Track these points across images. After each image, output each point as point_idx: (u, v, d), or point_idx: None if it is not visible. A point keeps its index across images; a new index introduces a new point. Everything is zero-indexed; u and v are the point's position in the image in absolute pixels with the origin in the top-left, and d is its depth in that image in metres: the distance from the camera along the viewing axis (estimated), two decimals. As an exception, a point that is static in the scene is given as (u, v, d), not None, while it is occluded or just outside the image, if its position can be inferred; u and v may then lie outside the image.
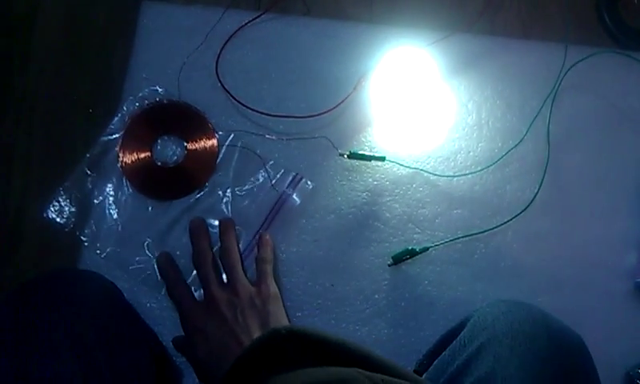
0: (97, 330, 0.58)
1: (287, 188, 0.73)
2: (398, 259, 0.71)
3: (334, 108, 0.74)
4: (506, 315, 0.58)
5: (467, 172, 0.74)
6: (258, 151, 0.74)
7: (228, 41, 0.77)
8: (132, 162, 0.74)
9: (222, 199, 0.74)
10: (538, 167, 0.73)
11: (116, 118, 0.75)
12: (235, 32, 0.77)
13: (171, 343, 0.69)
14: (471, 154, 0.75)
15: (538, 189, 0.72)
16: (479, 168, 0.74)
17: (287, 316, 0.66)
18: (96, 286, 0.65)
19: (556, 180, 0.73)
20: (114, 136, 0.75)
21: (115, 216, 0.73)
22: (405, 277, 0.71)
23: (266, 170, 0.73)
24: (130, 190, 0.73)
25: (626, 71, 0.76)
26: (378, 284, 0.71)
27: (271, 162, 0.74)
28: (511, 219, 0.71)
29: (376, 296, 0.71)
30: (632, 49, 0.77)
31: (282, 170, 0.74)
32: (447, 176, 0.73)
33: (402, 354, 0.69)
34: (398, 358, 0.69)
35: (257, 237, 0.72)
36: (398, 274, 0.71)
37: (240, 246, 0.71)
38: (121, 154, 0.74)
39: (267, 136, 0.75)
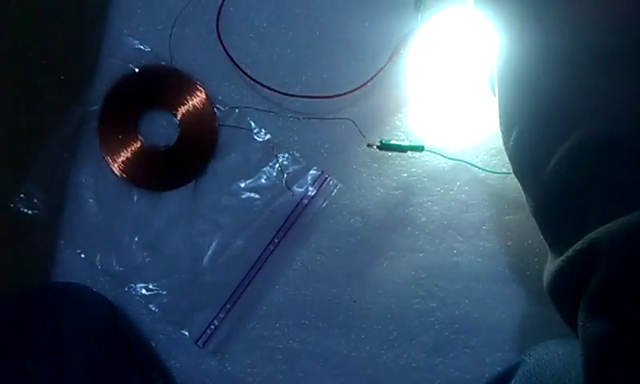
0: (81, 365, 0.49)
1: (308, 191, 0.60)
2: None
3: (364, 84, 0.59)
4: (568, 368, 0.47)
5: (525, 169, 0.60)
6: (268, 135, 0.61)
7: (232, -11, 0.62)
8: (114, 142, 0.61)
9: (225, 193, 0.61)
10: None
11: (93, 86, 0.61)
12: (242, -22, 0.62)
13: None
14: (531, 145, 0.61)
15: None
16: (540, 163, 0.60)
17: None
18: (82, 305, 0.56)
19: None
20: (93, 108, 0.61)
21: (95, 207, 0.61)
22: (442, 294, 0.60)
23: (280, 166, 0.60)
24: (113, 176, 0.61)
25: None
26: (409, 301, 0.60)
27: (285, 155, 0.60)
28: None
29: (406, 316, 0.59)
30: None
31: (302, 163, 0.60)
32: (500, 173, 0.59)
33: (435, 387, 0.59)
34: (430, 392, 0.59)
35: (269, 248, 0.60)
36: (434, 289, 0.60)
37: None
38: (100, 133, 0.61)
39: (280, 114, 0.61)
